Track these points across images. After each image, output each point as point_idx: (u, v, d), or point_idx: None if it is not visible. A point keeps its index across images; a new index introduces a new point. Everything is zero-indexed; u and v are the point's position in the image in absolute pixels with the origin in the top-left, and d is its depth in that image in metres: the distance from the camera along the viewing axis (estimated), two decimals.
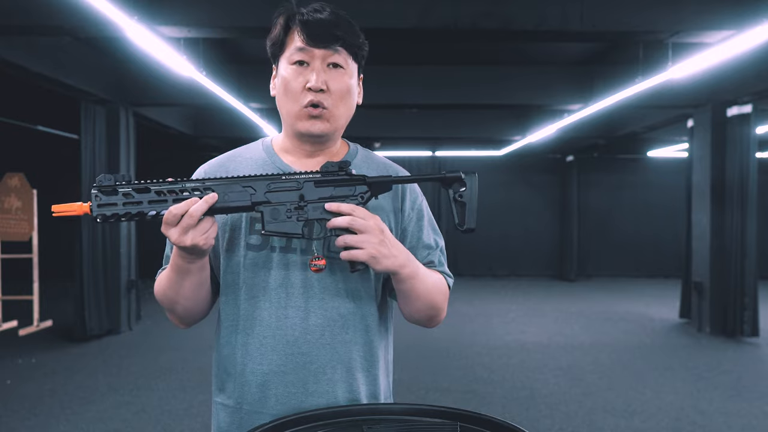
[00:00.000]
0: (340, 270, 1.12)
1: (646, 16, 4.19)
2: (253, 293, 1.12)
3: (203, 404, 4.13)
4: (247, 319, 1.12)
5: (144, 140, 7.88)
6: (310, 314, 1.11)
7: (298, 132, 1.14)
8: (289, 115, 1.13)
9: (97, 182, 1.00)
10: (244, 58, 6.59)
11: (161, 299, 1.16)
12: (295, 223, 1.04)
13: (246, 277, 1.13)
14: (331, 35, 1.08)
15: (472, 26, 4.17)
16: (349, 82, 1.12)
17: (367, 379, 1.16)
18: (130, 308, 6.71)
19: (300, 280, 1.11)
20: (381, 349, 1.19)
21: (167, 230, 1.00)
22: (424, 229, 1.21)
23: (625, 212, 11.91)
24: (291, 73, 1.11)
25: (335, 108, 1.12)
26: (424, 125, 9.16)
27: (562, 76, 6.91)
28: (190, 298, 1.13)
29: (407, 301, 1.14)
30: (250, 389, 1.12)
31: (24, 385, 4.56)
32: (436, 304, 1.17)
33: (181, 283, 1.10)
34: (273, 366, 1.11)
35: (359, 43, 1.12)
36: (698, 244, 6.84)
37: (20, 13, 4.03)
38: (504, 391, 4.51)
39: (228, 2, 4.19)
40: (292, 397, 1.11)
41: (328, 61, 1.10)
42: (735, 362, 5.44)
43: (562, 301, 8.96)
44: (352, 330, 1.14)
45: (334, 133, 1.16)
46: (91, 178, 6.21)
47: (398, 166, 1.25)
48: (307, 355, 1.11)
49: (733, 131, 6.42)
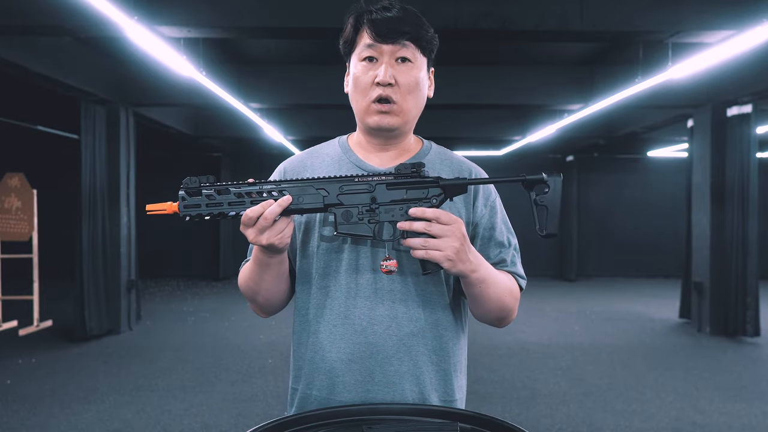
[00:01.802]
0: (408, 257, 1.13)
1: (646, 16, 4.19)
2: (324, 283, 1.15)
3: (203, 404, 4.13)
4: (318, 308, 1.16)
5: (144, 140, 7.88)
6: (378, 305, 1.13)
7: (368, 126, 1.16)
8: (359, 110, 1.15)
9: (183, 184, 1.05)
10: (244, 58, 6.59)
11: (244, 290, 1.21)
12: (366, 225, 1.06)
13: (318, 266, 1.16)
14: (398, 30, 1.09)
15: (472, 26, 4.16)
16: (417, 75, 1.14)
17: (437, 375, 1.16)
18: (130, 308, 6.71)
19: (368, 266, 1.14)
20: (453, 346, 1.18)
21: (245, 230, 1.05)
22: (497, 226, 1.21)
23: (625, 212, 11.91)
24: (361, 69, 1.13)
25: (404, 102, 1.13)
26: (425, 125, 9.12)
27: (562, 76, 6.91)
28: (270, 290, 1.18)
29: (476, 304, 1.15)
30: (319, 376, 1.15)
31: (24, 385, 4.56)
32: (506, 306, 1.17)
33: (262, 276, 1.15)
34: (341, 354, 1.13)
35: (428, 37, 1.14)
36: (698, 243, 6.84)
37: (20, 13, 4.03)
38: (504, 391, 4.51)
39: (228, 2, 4.19)
40: (358, 385, 1.12)
41: (397, 56, 1.11)
42: (735, 362, 5.44)
43: (562, 301, 8.96)
44: (420, 323, 1.14)
45: (405, 126, 1.17)
46: (91, 178, 6.22)
47: (475, 165, 1.25)
48: (374, 345, 1.12)
49: (733, 131, 6.41)
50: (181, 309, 7.92)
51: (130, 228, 6.78)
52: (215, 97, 6.06)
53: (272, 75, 6.75)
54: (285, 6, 4.16)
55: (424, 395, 1.14)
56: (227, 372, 4.93)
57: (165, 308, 8.03)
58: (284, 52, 6.55)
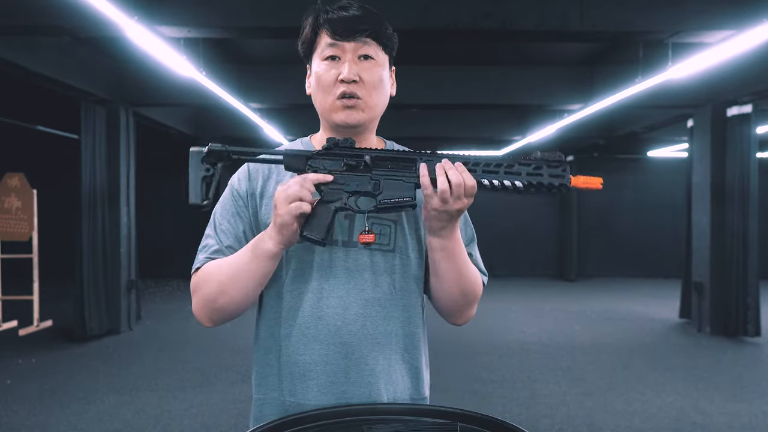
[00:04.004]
0: (382, 255, 1.14)
1: (646, 16, 4.19)
2: (295, 285, 1.14)
3: (203, 404, 4.13)
4: (289, 311, 1.14)
5: (144, 140, 7.88)
6: (351, 304, 1.12)
7: (334, 124, 1.15)
8: (324, 108, 1.15)
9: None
10: (244, 58, 6.59)
11: (211, 287, 1.11)
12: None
13: (289, 269, 1.14)
14: (358, 28, 1.10)
15: (472, 26, 4.16)
16: (381, 72, 1.14)
17: (409, 372, 1.17)
18: (130, 308, 6.71)
19: (341, 266, 1.12)
20: (421, 342, 1.20)
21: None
22: (467, 216, 1.22)
23: (625, 212, 11.91)
24: (323, 68, 1.12)
25: (369, 98, 1.13)
26: (424, 125, 9.17)
27: (562, 76, 6.91)
28: (248, 288, 1.10)
29: (436, 277, 1.15)
30: (291, 380, 1.12)
31: (24, 385, 4.56)
32: (469, 292, 1.17)
33: (252, 271, 1.08)
34: (315, 356, 1.11)
35: (388, 34, 1.14)
36: (698, 244, 6.84)
37: (20, 13, 4.03)
38: (504, 391, 4.51)
39: (228, 2, 4.19)
40: (334, 386, 1.11)
41: (359, 53, 1.12)
42: (735, 362, 5.44)
43: (562, 301, 8.95)
44: (393, 321, 1.14)
45: (370, 123, 1.18)
46: (91, 178, 6.22)
47: None
48: (349, 345, 1.11)
49: (733, 131, 6.41)
50: (182, 309, 7.92)
51: (130, 228, 6.78)
52: (215, 97, 6.06)
53: (272, 75, 6.74)
54: (285, 6, 4.15)
55: (397, 393, 1.14)
56: (227, 372, 4.93)
57: (165, 308, 8.03)
58: (284, 52, 6.55)
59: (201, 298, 1.13)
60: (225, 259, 1.13)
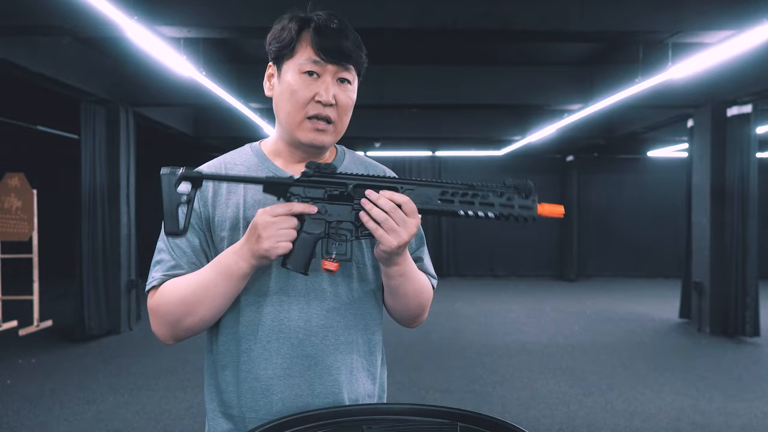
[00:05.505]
0: (343, 277, 1.14)
1: (646, 16, 4.19)
2: (254, 299, 1.11)
3: (203, 404, 4.13)
4: (248, 325, 1.11)
5: (144, 140, 7.88)
6: (312, 316, 1.11)
7: (298, 141, 1.14)
8: (290, 123, 1.13)
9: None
10: (244, 58, 6.59)
11: (173, 309, 1.08)
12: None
13: (249, 283, 1.10)
14: (345, 53, 1.09)
15: (472, 26, 4.16)
16: (353, 96, 1.15)
17: (369, 378, 1.19)
18: (130, 308, 6.71)
19: (300, 277, 1.11)
20: (378, 347, 1.22)
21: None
22: None
23: (625, 212, 11.91)
24: (300, 83, 1.10)
25: (340, 121, 1.13)
26: (424, 125, 9.16)
27: (562, 76, 6.91)
28: (215, 307, 1.08)
29: (396, 297, 1.16)
30: (252, 396, 1.10)
31: (24, 385, 4.56)
32: (425, 301, 1.20)
33: (223, 290, 1.06)
34: (278, 370, 1.10)
35: (363, 60, 1.14)
36: (698, 244, 6.84)
37: (20, 13, 4.03)
38: (504, 391, 4.51)
39: (228, 2, 4.19)
40: (298, 399, 1.10)
41: (339, 76, 1.11)
42: (735, 362, 5.44)
43: (562, 301, 8.96)
44: (353, 330, 1.15)
45: (334, 143, 1.19)
46: (91, 178, 6.22)
47: (384, 167, 1.27)
48: (312, 357, 1.11)
49: (733, 131, 6.41)
50: None
51: (130, 228, 6.78)
52: (215, 97, 6.06)
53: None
54: (285, 6, 4.15)
55: (359, 401, 1.15)
56: None
57: None
58: None
59: (163, 318, 1.09)
60: (186, 278, 1.08)
